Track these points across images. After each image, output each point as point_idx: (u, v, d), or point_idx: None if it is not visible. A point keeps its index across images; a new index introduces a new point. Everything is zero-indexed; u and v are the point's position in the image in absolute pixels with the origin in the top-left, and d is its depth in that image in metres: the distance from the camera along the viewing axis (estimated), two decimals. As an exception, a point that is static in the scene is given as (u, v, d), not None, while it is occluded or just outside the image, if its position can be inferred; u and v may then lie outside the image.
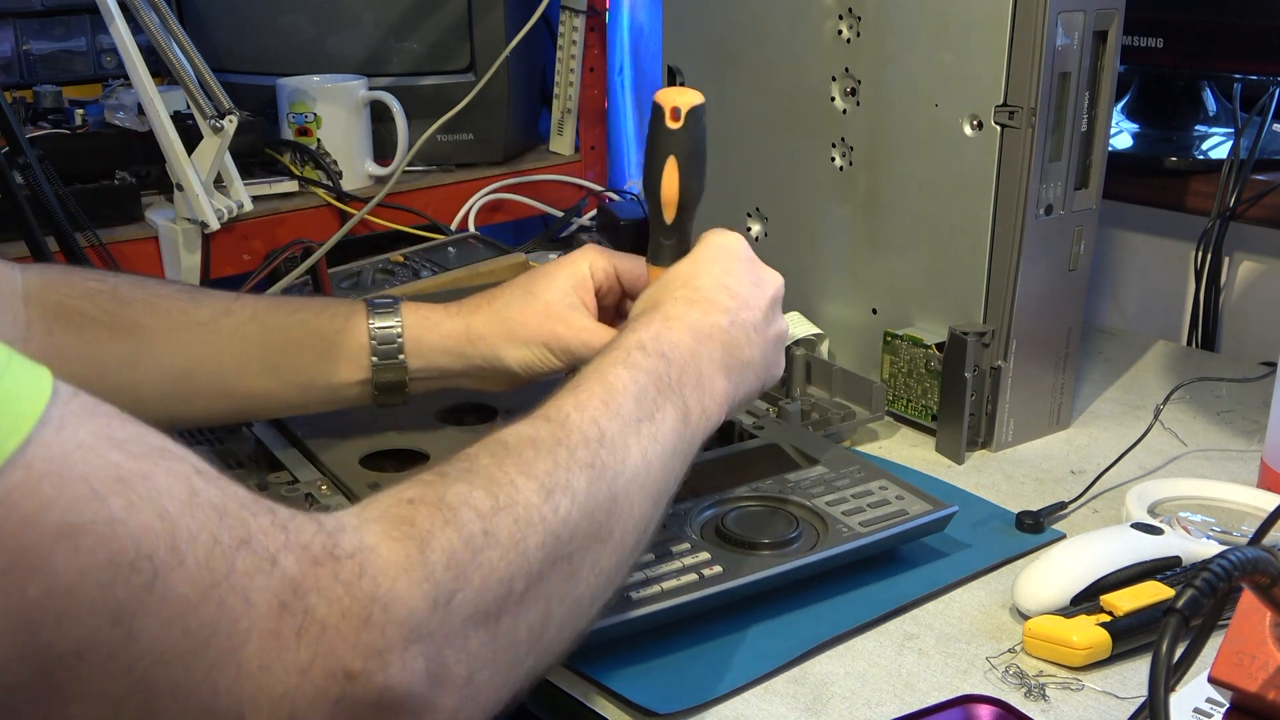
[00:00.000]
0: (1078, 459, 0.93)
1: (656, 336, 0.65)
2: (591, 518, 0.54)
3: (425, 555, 0.46)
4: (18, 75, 1.45)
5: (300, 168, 1.35)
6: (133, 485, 0.39)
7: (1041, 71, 0.85)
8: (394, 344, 0.80)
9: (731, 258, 0.72)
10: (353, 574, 0.44)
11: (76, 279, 0.78)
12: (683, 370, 0.64)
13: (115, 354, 0.76)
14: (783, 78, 1.03)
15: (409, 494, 0.49)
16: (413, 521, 0.47)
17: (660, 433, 0.61)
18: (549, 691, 0.66)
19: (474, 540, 0.48)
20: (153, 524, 0.39)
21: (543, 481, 0.53)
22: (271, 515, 0.43)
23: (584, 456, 0.55)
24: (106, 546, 0.38)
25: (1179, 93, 1.24)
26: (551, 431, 0.56)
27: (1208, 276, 1.19)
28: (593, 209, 1.49)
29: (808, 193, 1.04)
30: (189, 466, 0.42)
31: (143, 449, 0.41)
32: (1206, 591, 0.44)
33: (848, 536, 0.73)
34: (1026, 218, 0.88)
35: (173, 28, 1.11)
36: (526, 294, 0.80)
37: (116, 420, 0.41)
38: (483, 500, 0.50)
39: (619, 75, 1.62)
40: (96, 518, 0.38)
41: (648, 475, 0.59)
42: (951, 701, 0.64)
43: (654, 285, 0.72)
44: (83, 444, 0.39)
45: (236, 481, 0.44)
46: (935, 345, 0.94)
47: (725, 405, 0.67)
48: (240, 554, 0.41)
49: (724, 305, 0.69)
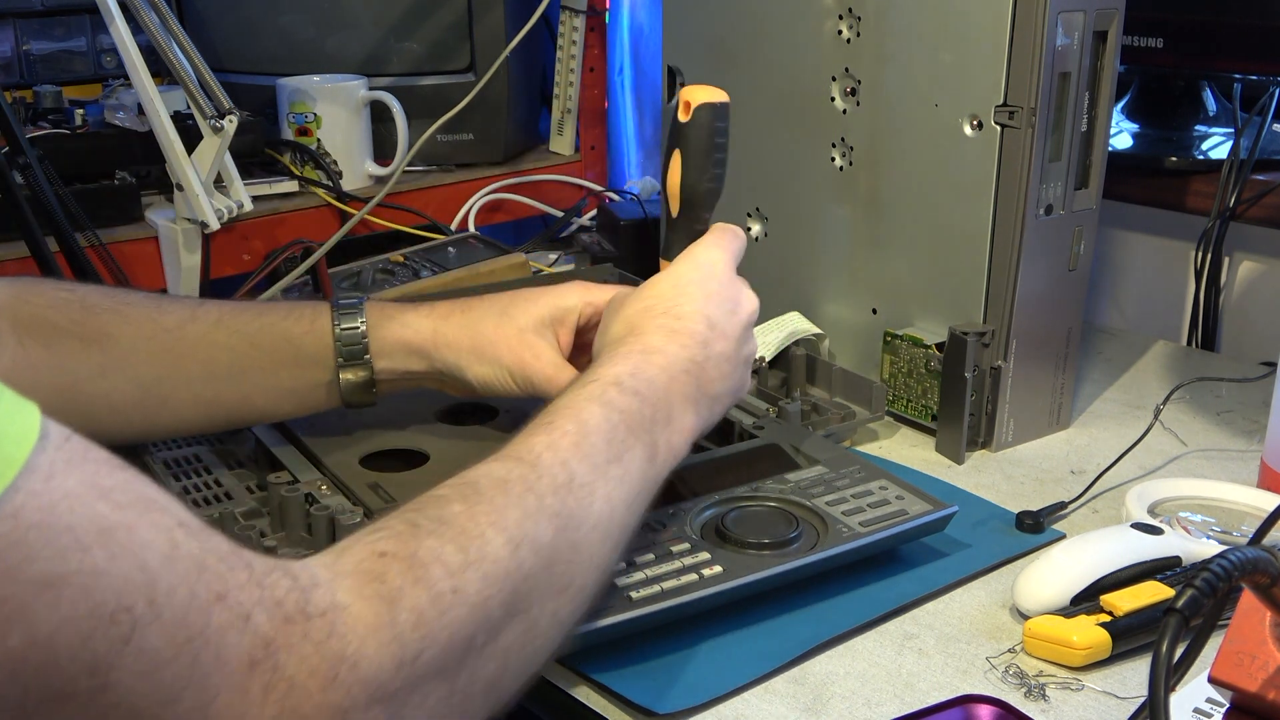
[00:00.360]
0: (1078, 459, 0.93)
1: (634, 373, 0.65)
2: (552, 570, 0.55)
3: (394, 615, 0.47)
4: (18, 75, 1.45)
5: (300, 168, 1.35)
6: (116, 537, 0.40)
7: (1041, 71, 0.85)
8: (359, 344, 0.79)
9: (714, 279, 0.73)
10: (323, 633, 0.44)
11: (45, 289, 0.78)
12: (655, 409, 0.65)
13: (86, 364, 0.76)
14: (783, 78, 1.03)
15: (381, 545, 0.49)
16: (383, 578, 0.48)
17: (628, 474, 0.61)
18: (549, 691, 0.66)
19: (442, 599, 0.49)
20: (133, 576, 0.40)
21: (511, 534, 0.53)
22: (249, 570, 0.44)
23: (552, 504, 0.56)
24: (88, 598, 0.39)
25: (1179, 93, 1.24)
26: (523, 474, 0.56)
27: (1208, 276, 1.19)
28: (593, 209, 1.49)
29: (808, 193, 1.04)
30: (172, 518, 0.42)
31: (129, 498, 0.41)
32: (1206, 591, 0.44)
33: (848, 536, 0.73)
34: (1026, 218, 0.88)
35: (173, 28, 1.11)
36: (503, 314, 0.80)
37: (105, 468, 0.41)
38: (453, 556, 0.50)
39: (619, 75, 1.62)
40: (80, 569, 0.38)
41: (611, 520, 0.60)
42: (951, 701, 0.64)
43: (635, 306, 0.72)
44: (70, 493, 0.39)
45: (217, 532, 0.44)
46: (935, 345, 0.94)
47: (691, 439, 0.68)
48: (216, 609, 0.42)
49: (701, 337, 0.70)
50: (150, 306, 0.79)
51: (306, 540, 0.74)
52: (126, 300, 0.79)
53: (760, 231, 1.10)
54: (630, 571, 0.68)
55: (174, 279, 1.20)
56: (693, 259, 0.74)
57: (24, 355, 0.75)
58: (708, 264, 0.73)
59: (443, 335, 0.80)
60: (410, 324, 0.80)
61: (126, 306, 0.78)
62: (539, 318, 0.80)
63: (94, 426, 0.79)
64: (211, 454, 0.86)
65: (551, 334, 0.80)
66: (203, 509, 0.78)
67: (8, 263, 1.12)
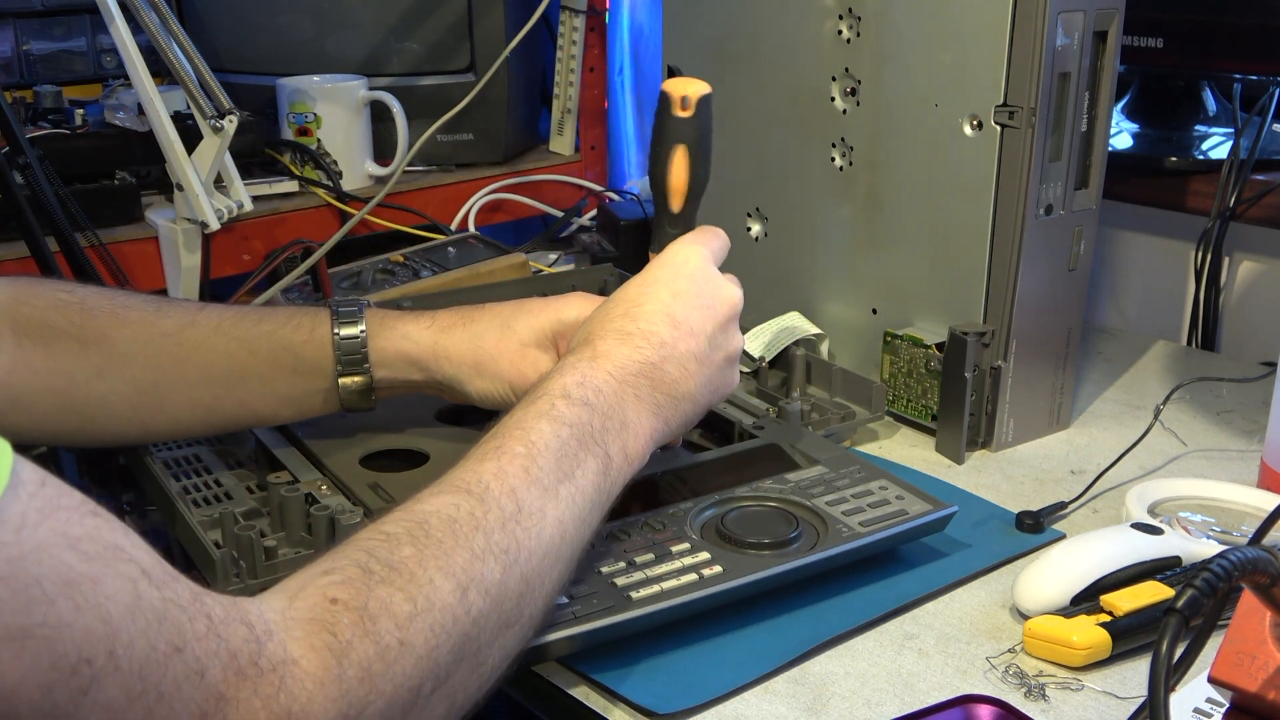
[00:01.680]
0: (1078, 459, 0.93)
1: (581, 381, 0.65)
2: (501, 608, 0.55)
3: (342, 670, 0.48)
4: (18, 75, 1.45)
5: (300, 168, 1.35)
6: (82, 589, 0.40)
7: (1041, 71, 0.85)
8: (358, 353, 0.80)
9: (685, 277, 0.72)
10: (272, 688, 0.45)
11: (45, 290, 0.78)
12: (606, 417, 0.65)
13: (84, 366, 0.76)
14: (783, 78, 1.03)
15: (334, 591, 0.50)
16: (334, 630, 0.48)
17: (580, 491, 0.62)
18: (549, 691, 0.66)
19: (389, 652, 0.49)
20: (95, 629, 0.40)
21: (459, 579, 0.53)
22: (208, 621, 0.44)
23: (500, 541, 0.56)
24: (51, 650, 0.39)
25: (1179, 93, 1.24)
26: (471, 510, 0.56)
27: (1208, 276, 1.19)
28: (593, 209, 1.49)
29: (808, 193, 1.04)
30: (137, 568, 0.43)
31: (96, 548, 0.41)
32: (1206, 591, 0.44)
33: (848, 536, 0.73)
34: (1026, 218, 0.88)
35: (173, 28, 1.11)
36: (504, 328, 0.80)
37: (76, 515, 0.41)
38: (401, 605, 0.51)
39: (619, 75, 1.62)
40: (45, 621, 0.39)
41: (562, 542, 0.60)
42: (951, 701, 0.64)
43: (598, 310, 0.72)
44: (40, 545, 0.39)
45: (181, 578, 0.45)
46: (935, 345, 0.94)
47: (651, 442, 0.68)
48: (173, 662, 0.42)
49: (660, 338, 0.69)
50: (149, 310, 0.79)
51: (306, 540, 0.74)
52: (126, 303, 0.79)
53: (760, 231, 1.10)
54: (630, 571, 0.68)
55: (174, 279, 1.20)
56: (666, 256, 0.74)
57: (22, 356, 0.75)
58: (680, 261, 0.73)
59: (443, 348, 0.80)
60: (410, 335, 0.80)
61: (125, 309, 0.78)
62: (540, 331, 0.79)
63: (91, 428, 0.80)
64: (211, 454, 0.87)
65: (553, 347, 0.80)
66: (203, 509, 0.78)
67: (8, 263, 1.12)
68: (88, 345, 0.76)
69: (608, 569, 0.68)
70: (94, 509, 0.42)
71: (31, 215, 1.06)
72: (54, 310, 0.76)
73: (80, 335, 0.76)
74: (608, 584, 0.67)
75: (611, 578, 0.68)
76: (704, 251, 0.74)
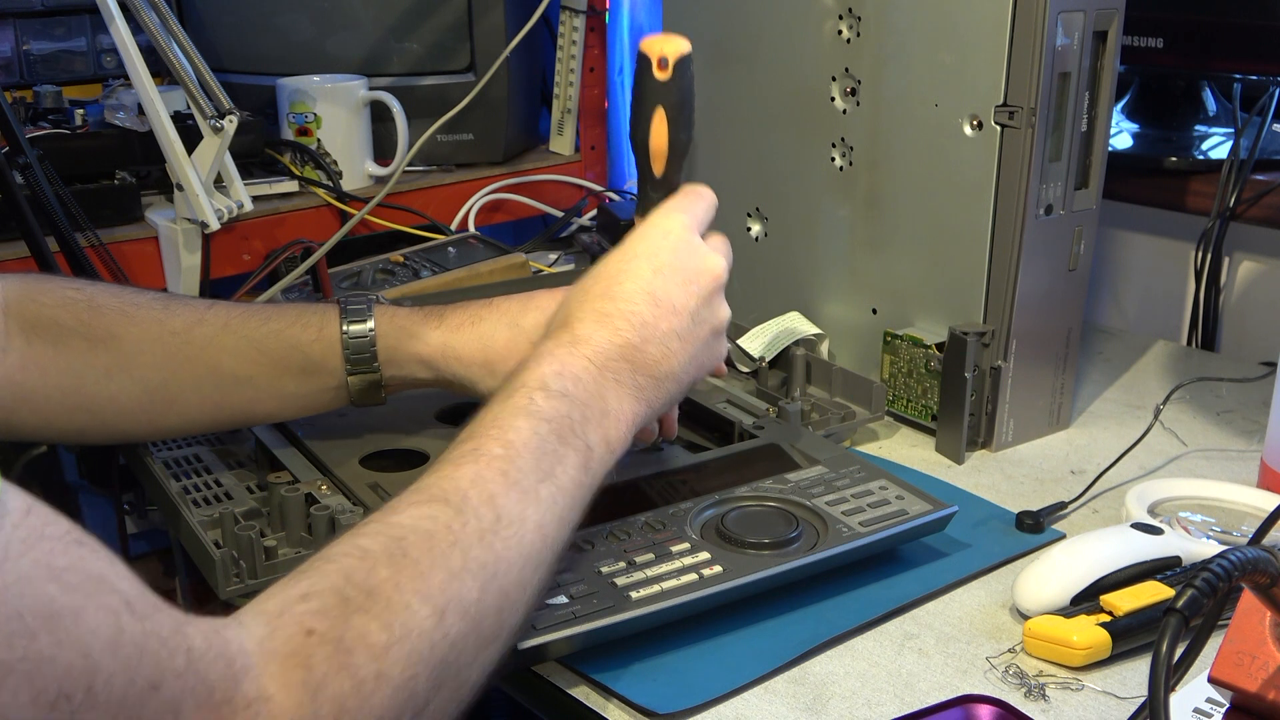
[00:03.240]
0: (1078, 459, 0.93)
1: (560, 371, 0.64)
2: (480, 628, 0.54)
3: (316, 706, 0.47)
4: (18, 75, 1.45)
5: (300, 168, 1.35)
6: (63, 623, 0.39)
7: (1041, 71, 0.85)
8: (367, 351, 0.79)
9: (667, 250, 0.70)
10: None
11: (53, 287, 0.78)
12: (586, 406, 0.63)
13: (93, 365, 0.76)
14: (783, 78, 1.03)
15: (310, 623, 0.49)
16: (309, 665, 0.48)
17: (560, 489, 0.60)
18: (549, 691, 0.66)
19: (364, 685, 0.49)
20: (76, 664, 0.39)
21: (436, 603, 0.52)
22: (187, 655, 0.44)
23: (478, 556, 0.55)
24: (31, 685, 0.38)
25: (1179, 93, 1.24)
26: (448, 523, 0.55)
27: (1208, 276, 1.19)
28: (593, 209, 1.49)
29: (808, 193, 1.04)
30: (120, 599, 0.42)
31: (79, 579, 0.41)
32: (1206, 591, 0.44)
33: (848, 536, 0.73)
34: (1026, 218, 0.88)
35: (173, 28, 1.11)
36: (513, 325, 0.79)
37: (60, 545, 0.41)
38: (378, 635, 0.50)
39: (619, 75, 1.62)
40: (26, 655, 0.38)
41: (543, 546, 0.59)
42: (951, 701, 0.64)
43: (575, 289, 0.70)
44: (23, 576, 0.39)
45: (164, 608, 0.44)
46: (935, 345, 0.94)
47: (634, 427, 0.67)
48: (149, 699, 0.42)
49: (640, 318, 0.67)
50: (158, 308, 0.79)
51: (306, 540, 0.74)
52: (135, 301, 0.79)
53: (760, 231, 1.10)
54: (630, 571, 0.68)
55: (174, 279, 1.20)
56: (647, 227, 0.71)
57: (31, 354, 0.75)
58: (662, 233, 0.71)
59: (453, 349, 0.79)
60: (420, 335, 0.80)
61: (134, 308, 0.78)
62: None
63: (100, 425, 0.80)
64: (211, 454, 0.87)
65: None
66: (203, 509, 0.78)
67: (8, 262, 1.12)
68: (96, 344, 0.76)
69: (608, 569, 0.68)
70: (79, 537, 0.42)
71: (31, 215, 1.06)
72: (63, 308, 0.76)
73: (89, 334, 0.76)
74: (608, 584, 0.67)
75: (611, 578, 0.68)
76: (686, 219, 0.71)
